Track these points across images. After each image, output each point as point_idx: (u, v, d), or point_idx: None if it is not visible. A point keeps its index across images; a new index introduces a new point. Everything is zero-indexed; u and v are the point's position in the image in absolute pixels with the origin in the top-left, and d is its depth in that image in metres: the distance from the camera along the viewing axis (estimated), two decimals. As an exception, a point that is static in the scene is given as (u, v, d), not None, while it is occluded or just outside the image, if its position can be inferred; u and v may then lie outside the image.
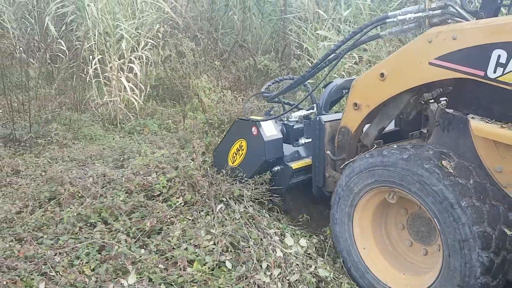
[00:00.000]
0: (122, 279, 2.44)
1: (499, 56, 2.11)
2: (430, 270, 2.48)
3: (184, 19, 8.51)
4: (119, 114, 6.16)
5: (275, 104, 4.36)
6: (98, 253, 2.72)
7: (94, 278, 2.46)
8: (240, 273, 2.63)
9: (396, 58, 2.62)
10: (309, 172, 3.39)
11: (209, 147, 4.43)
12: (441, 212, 2.25)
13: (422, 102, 2.93)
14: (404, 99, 2.73)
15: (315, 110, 3.76)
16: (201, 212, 3.28)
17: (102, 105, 6.25)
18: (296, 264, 2.77)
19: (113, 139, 5.43)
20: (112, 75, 6.14)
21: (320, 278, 2.74)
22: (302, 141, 3.61)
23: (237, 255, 2.81)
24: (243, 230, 3.00)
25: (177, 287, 2.50)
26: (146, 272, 2.54)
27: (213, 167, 3.91)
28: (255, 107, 5.58)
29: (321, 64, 3.24)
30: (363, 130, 3.03)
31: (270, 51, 8.35)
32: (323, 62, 3.22)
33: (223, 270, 2.67)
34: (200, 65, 7.40)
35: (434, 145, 2.60)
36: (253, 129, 3.46)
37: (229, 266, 2.69)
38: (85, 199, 3.31)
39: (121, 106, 6.18)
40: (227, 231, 2.99)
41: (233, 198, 3.41)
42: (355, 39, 3.06)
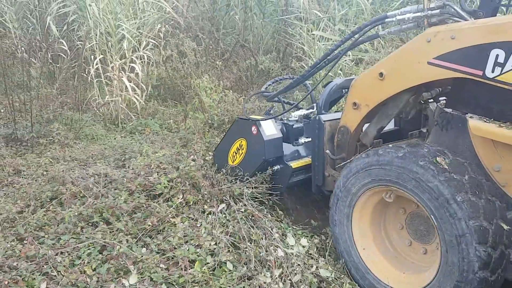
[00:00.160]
0: (124, 279, 2.45)
1: (497, 56, 2.12)
2: (430, 268, 2.49)
3: (186, 19, 8.51)
4: (121, 114, 6.16)
5: (275, 104, 4.36)
6: (100, 253, 2.72)
7: (96, 278, 2.47)
8: (242, 273, 2.63)
9: (395, 58, 2.64)
10: (309, 171, 3.40)
11: (209, 147, 4.44)
12: (437, 208, 2.27)
13: (421, 102, 2.94)
14: (403, 99, 2.74)
15: (315, 110, 3.77)
16: (203, 212, 3.29)
17: (104, 105, 6.25)
18: (298, 264, 2.77)
19: (115, 139, 5.43)
20: (114, 75, 6.14)
21: (322, 278, 2.74)
22: (302, 141, 3.62)
23: (239, 255, 2.81)
24: (244, 230, 3.01)
25: (178, 287, 2.50)
26: (148, 272, 2.54)
27: (214, 167, 3.92)
28: (256, 108, 5.59)
29: (321, 64, 3.25)
30: (363, 130, 3.04)
31: (272, 51, 8.35)
32: (323, 62, 3.23)
33: (224, 270, 2.67)
34: (202, 65, 7.40)
35: (429, 144, 2.61)
36: (253, 129, 3.47)
37: (230, 267, 2.70)
38: (87, 199, 3.31)
39: (123, 106, 6.18)
40: (229, 231, 2.99)
41: (233, 197, 3.41)
42: (354, 39, 3.06)
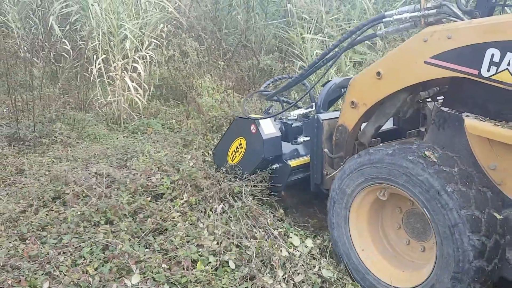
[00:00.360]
0: (126, 279, 2.45)
1: (493, 55, 2.14)
2: (428, 263, 2.50)
3: (188, 19, 8.51)
4: (123, 114, 6.16)
5: (274, 103, 4.38)
6: (102, 253, 2.73)
7: (98, 278, 2.47)
8: (244, 273, 2.63)
9: (392, 57, 2.67)
10: (308, 170, 3.42)
11: (209, 146, 4.45)
12: (429, 200, 2.30)
13: (419, 101, 2.95)
14: (401, 98, 2.76)
15: (314, 109, 3.79)
16: (204, 212, 3.29)
17: (106, 105, 6.26)
18: (302, 265, 2.77)
19: (117, 139, 5.44)
20: (116, 75, 6.15)
21: (324, 279, 2.74)
22: (301, 139, 3.64)
23: (241, 255, 2.81)
24: (246, 229, 3.01)
25: (181, 287, 2.50)
26: (150, 272, 2.55)
27: (213, 166, 3.95)
28: (255, 107, 5.59)
29: (319, 63, 3.28)
30: (361, 128, 3.06)
31: (274, 51, 8.34)
32: (321, 61, 3.26)
33: (226, 270, 2.67)
34: (204, 65, 7.40)
35: (420, 141, 2.63)
36: (252, 127, 3.50)
37: (232, 266, 2.70)
38: (90, 199, 3.32)
39: (125, 106, 6.19)
40: (231, 231, 2.99)
41: (234, 196, 3.43)
42: (352, 38, 3.09)
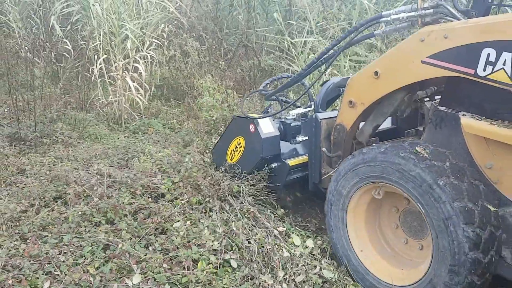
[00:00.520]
0: (127, 279, 2.45)
1: (489, 55, 2.15)
2: (425, 259, 2.51)
3: (189, 19, 8.52)
4: (124, 114, 6.17)
5: (273, 102, 4.40)
6: (103, 252, 2.72)
7: (99, 277, 2.46)
8: (245, 273, 2.63)
9: (390, 57, 2.68)
10: (306, 169, 3.42)
11: (207, 147, 4.46)
12: (422, 195, 2.32)
13: (417, 100, 2.96)
14: (398, 97, 2.78)
15: (313, 108, 3.80)
16: (204, 213, 3.29)
17: (107, 105, 6.26)
18: (303, 265, 2.77)
19: (118, 139, 5.44)
20: (117, 75, 6.15)
21: (325, 279, 2.73)
22: (300, 139, 3.66)
23: (241, 255, 2.80)
24: (247, 229, 3.00)
25: (182, 287, 2.50)
26: (151, 272, 2.54)
27: (213, 165, 3.97)
28: (258, 108, 5.59)
29: (317, 63, 3.29)
30: (359, 128, 3.07)
31: (275, 51, 8.33)
32: (319, 61, 3.27)
33: (227, 270, 2.67)
34: (205, 65, 7.40)
35: (412, 139, 2.64)
36: (251, 127, 3.51)
37: (234, 265, 2.69)
38: (91, 199, 3.32)
39: (126, 106, 6.19)
40: (231, 230, 2.99)
41: (232, 195, 3.43)
42: (351, 38, 3.10)
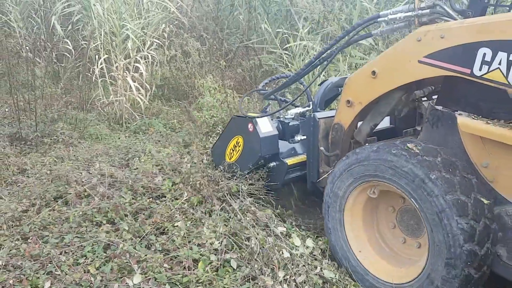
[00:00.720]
0: (128, 279, 2.44)
1: (485, 55, 2.17)
2: (423, 257, 2.52)
3: (190, 19, 8.51)
4: (125, 114, 6.17)
5: (271, 102, 4.41)
6: (104, 252, 2.72)
7: (99, 277, 2.46)
8: (245, 273, 2.62)
9: (387, 57, 2.70)
10: (305, 168, 3.43)
11: (206, 148, 4.46)
12: (415, 190, 2.36)
13: (414, 100, 2.96)
14: (396, 97, 2.79)
15: (311, 108, 3.80)
16: (205, 213, 3.29)
17: (108, 105, 6.26)
18: (303, 265, 2.77)
19: (119, 139, 5.44)
20: (118, 75, 6.15)
21: (326, 280, 2.73)
22: (298, 138, 3.68)
23: (242, 255, 2.80)
24: (248, 230, 3.00)
25: (182, 287, 2.50)
26: (151, 272, 2.54)
27: (212, 164, 3.98)
28: (258, 108, 5.59)
29: (315, 62, 3.31)
30: (357, 127, 3.09)
31: (276, 51, 8.32)
32: (317, 60, 3.29)
33: (228, 270, 2.66)
34: (205, 65, 7.40)
35: (405, 138, 2.70)
36: (249, 126, 3.52)
37: (234, 266, 2.69)
38: (92, 199, 3.32)
39: (127, 106, 6.19)
40: (232, 230, 2.99)
41: (232, 194, 3.44)
42: (348, 38, 3.11)
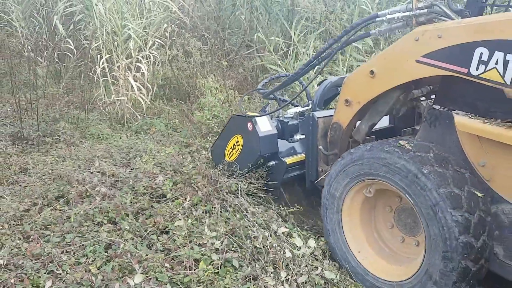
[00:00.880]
0: (129, 278, 2.45)
1: (481, 54, 2.20)
2: (422, 253, 2.53)
3: (192, 19, 8.51)
4: (126, 113, 6.17)
5: (270, 101, 4.41)
6: (105, 252, 2.73)
7: (101, 277, 2.46)
8: (246, 273, 2.62)
9: (385, 56, 2.72)
10: (304, 167, 3.46)
11: (206, 148, 4.46)
12: (409, 185, 2.39)
13: (413, 99, 2.97)
14: (394, 96, 2.81)
15: (310, 107, 3.82)
16: (206, 212, 3.29)
17: (110, 104, 6.27)
18: (305, 266, 2.76)
19: (120, 138, 5.44)
20: (120, 75, 6.15)
21: (327, 280, 2.73)
22: (297, 137, 3.68)
23: (243, 254, 2.80)
24: (250, 229, 3.00)
25: (183, 287, 2.49)
26: (152, 272, 2.54)
27: (211, 163, 4.01)
28: (258, 107, 5.60)
29: (314, 62, 3.32)
30: (356, 126, 3.11)
31: (277, 51, 8.33)
32: (316, 60, 3.30)
33: (229, 270, 2.66)
34: (207, 65, 7.40)
35: (399, 136, 2.73)
36: (249, 125, 3.54)
37: (236, 265, 2.69)
38: (94, 198, 3.32)
39: (128, 105, 6.19)
40: (233, 230, 2.99)
41: (231, 193, 3.45)
42: (347, 37, 3.12)
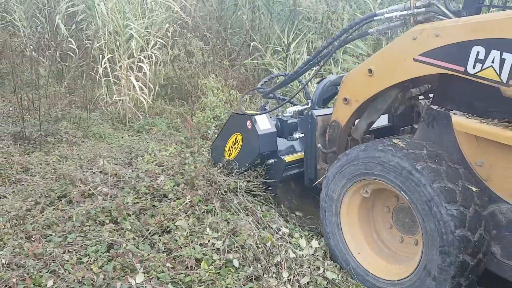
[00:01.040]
0: (130, 278, 2.46)
1: (478, 53, 2.21)
2: (418, 249, 2.55)
3: (193, 19, 8.52)
4: (128, 113, 6.19)
5: (270, 100, 4.43)
6: (107, 251, 2.74)
7: (102, 276, 2.47)
8: (248, 273, 2.63)
9: (383, 55, 2.74)
10: (302, 166, 3.48)
11: (206, 148, 4.49)
12: (403, 182, 2.41)
13: (411, 98, 2.99)
14: (392, 94, 2.83)
15: (310, 106, 3.85)
16: (207, 212, 3.30)
17: (112, 104, 6.29)
18: (308, 266, 2.77)
19: (122, 138, 5.46)
20: (122, 74, 6.17)
21: (328, 280, 2.74)
22: (296, 136, 3.70)
23: (245, 254, 2.81)
24: (250, 229, 3.01)
25: (185, 287, 2.50)
26: (154, 271, 2.55)
27: (211, 161, 4.04)
28: (258, 106, 5.61)
29: (313, 61, 3.34)
30: (354, 124, 3.14)
31: (279, 51, 8.34)
32: (315, 59, 3.32)
33: (231, 270, 2.67)
34: (209, 65, 7.42)
35: (392, 136, 2.77)
36: (248, 123, 3.56)
37: (236, 265, 2.70)
38: (96, 198, 3.34)
39: (130, 105, 6.21)
40: (234, 229, 3.00)
41: (231, 191, 3.46)
42: (345, 36, 3.15)
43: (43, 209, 3.23)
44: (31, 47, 7.30)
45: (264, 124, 3.55)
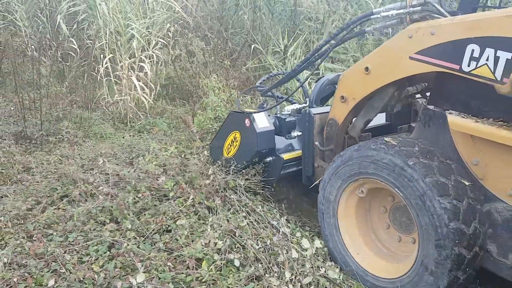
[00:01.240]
0: (131, 277, 2.47)
1: (473, 51, 2.24)
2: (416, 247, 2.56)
3: (195, 19, 8.52)
4: (129, 113, 6.20)
5: (268, 98, 4.45)
6: (108, 251, 2.75)
7: (103, 275, 2.49)
8: (249, 273, 2.63)
9: (380, 53, 2.77)
10: (300, 164, 3.51)
11: (205, 148, 4.50)
12: (397, 178, 2.45)
13: (408, 96, 3.01)
14: (388, 92, 2.86)
15: (308, 104, 3.87)
16: (208, 212, 3.30)
17: (113, 104, 6.29)
18: (311, 267, 2.78)
19: (123, 138, 5.47)
20: (123, 74, 6.18)
21: (330, 280, 2.74)
22: (294, 134, 3.73)
23: (246, 254, 2.81)
24: (251, 229, 3.01)
25: (186, 287, 2.51)
26: (155, 271, 2.56)
27: (210, 161, 4.05)
28: (257, 105, 5.61)
29: (311, 59, 3.36)
30: (351, 122, 3.16)
31: (279, 52, 8.33)
32: (313, 57, 3.34)
33: (232, 270, 2.68)
34: (210, 65, 7.42)
35: (384, 135, 2.80)
36: (246, 121, 3.58)
37: (237, 264, 2.70)
38: (97, 197, 3.35)
39: (131, 105, 6.22)
40: (235, 229, 3.00)
41: (230, 189, 3.47)
42: (343, 35, 3.15)
43: (44, 209, 3.25)
44: (33, 47, 7.32)
45: (262, 122, 3.58)
